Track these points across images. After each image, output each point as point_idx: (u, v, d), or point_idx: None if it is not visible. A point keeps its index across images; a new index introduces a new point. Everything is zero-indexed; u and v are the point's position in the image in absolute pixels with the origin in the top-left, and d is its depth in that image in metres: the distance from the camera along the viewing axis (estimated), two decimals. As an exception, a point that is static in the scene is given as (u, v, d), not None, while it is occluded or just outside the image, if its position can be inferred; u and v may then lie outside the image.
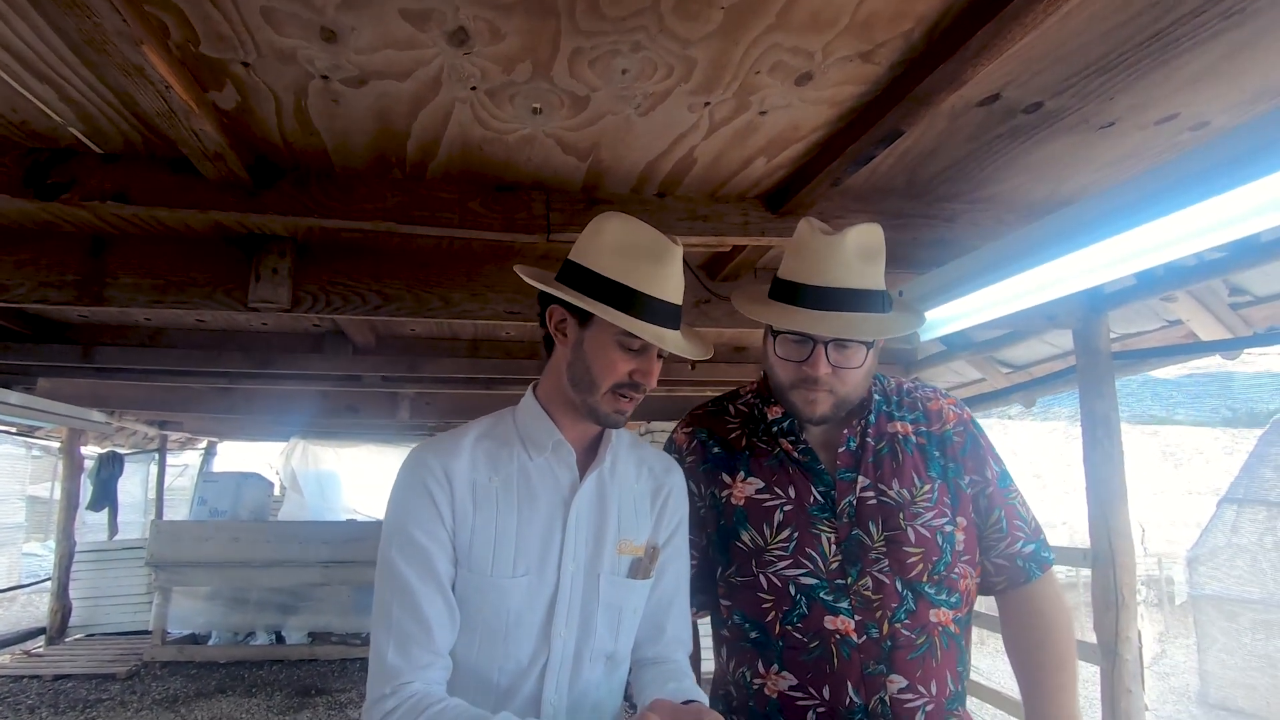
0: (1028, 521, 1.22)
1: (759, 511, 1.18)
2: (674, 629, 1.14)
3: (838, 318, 1.10)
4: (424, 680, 0.95)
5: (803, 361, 1.13)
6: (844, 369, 1.13)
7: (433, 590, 0.98)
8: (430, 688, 0.95)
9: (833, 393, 1.15)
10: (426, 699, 0.92)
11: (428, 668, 0.95)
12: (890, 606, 1.12)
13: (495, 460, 1.06)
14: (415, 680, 0.94)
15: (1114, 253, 1.68)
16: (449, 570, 1.00)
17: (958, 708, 1.15)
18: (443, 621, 0.98)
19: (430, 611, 0.97)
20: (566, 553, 1.04)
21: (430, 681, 0.95)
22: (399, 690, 0.93)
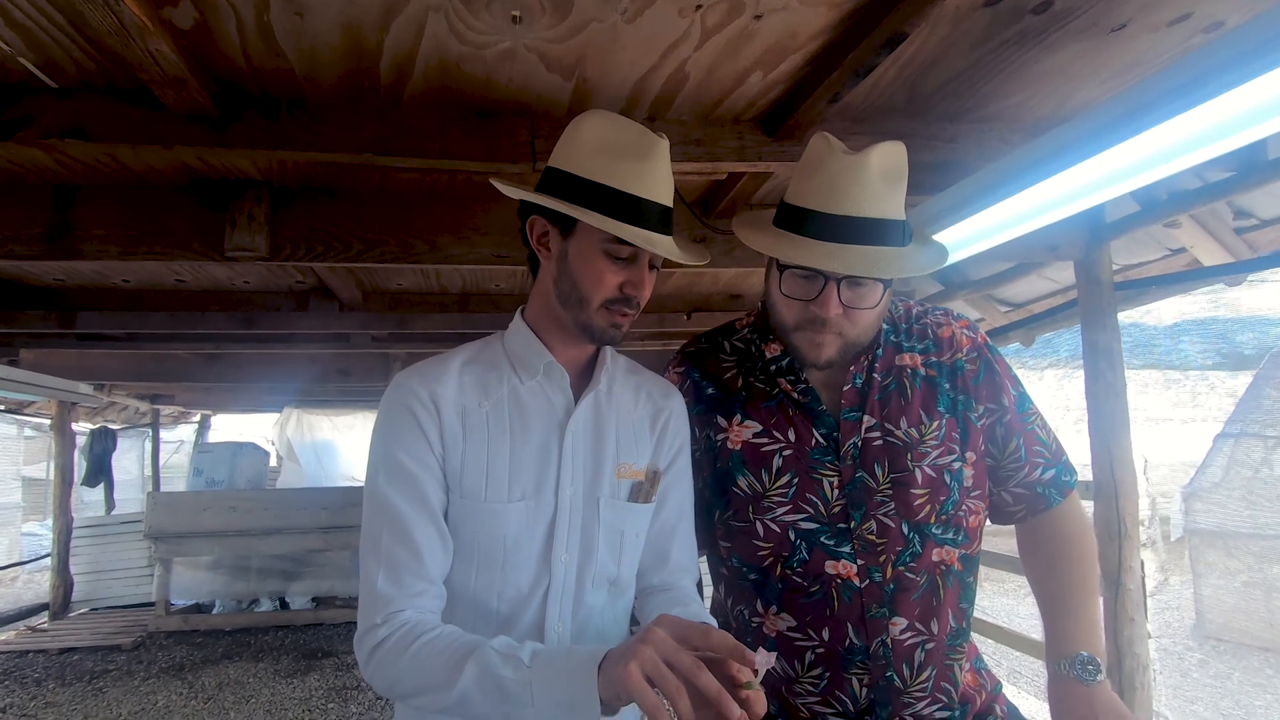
0: (1048, 445, 1.16)
1: (757, 456, 1.12)
2: (679, 555, 1.10)
3: (853, 252, 1.00)
4: (417, 609, 0.90)
5: (811, 300, 1.04)
6: (856, 309, 1.04)
7: (423, 517, 0.93)
8: (424, 615, 0.90)
9: (841, 335, 1.06)
10: (420, 626, 0.88)
11: (420, 595, 0.91)
12: (894, 550, 1.07)
13: (484, 385, 1.00)
14: (408, 608, 0.90)
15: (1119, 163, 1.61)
16: (440, 497, 0.95)
17: (961, 643, 1.12)
18: (435, 548, 0.93)
19: (421, 538, 0.92)
20: (564, 477, 0.99)
21: (424, 610, 0.91)
22: (391, 619, 0.89)
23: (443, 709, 0.84)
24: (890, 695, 1.07)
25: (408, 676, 0.85)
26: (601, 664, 0.77)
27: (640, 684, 0.72)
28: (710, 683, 0.72)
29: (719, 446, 1.15)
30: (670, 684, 0.72)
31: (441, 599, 0.94)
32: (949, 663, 1.10)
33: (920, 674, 1.08)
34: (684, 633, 0.77)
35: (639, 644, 0.75)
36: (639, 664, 0.73)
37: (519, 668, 0.80)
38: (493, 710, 0.81)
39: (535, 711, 0.78)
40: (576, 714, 0.77)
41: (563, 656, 0.81)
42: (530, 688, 0.78)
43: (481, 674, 0.81)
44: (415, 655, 0.85)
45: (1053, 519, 1.16)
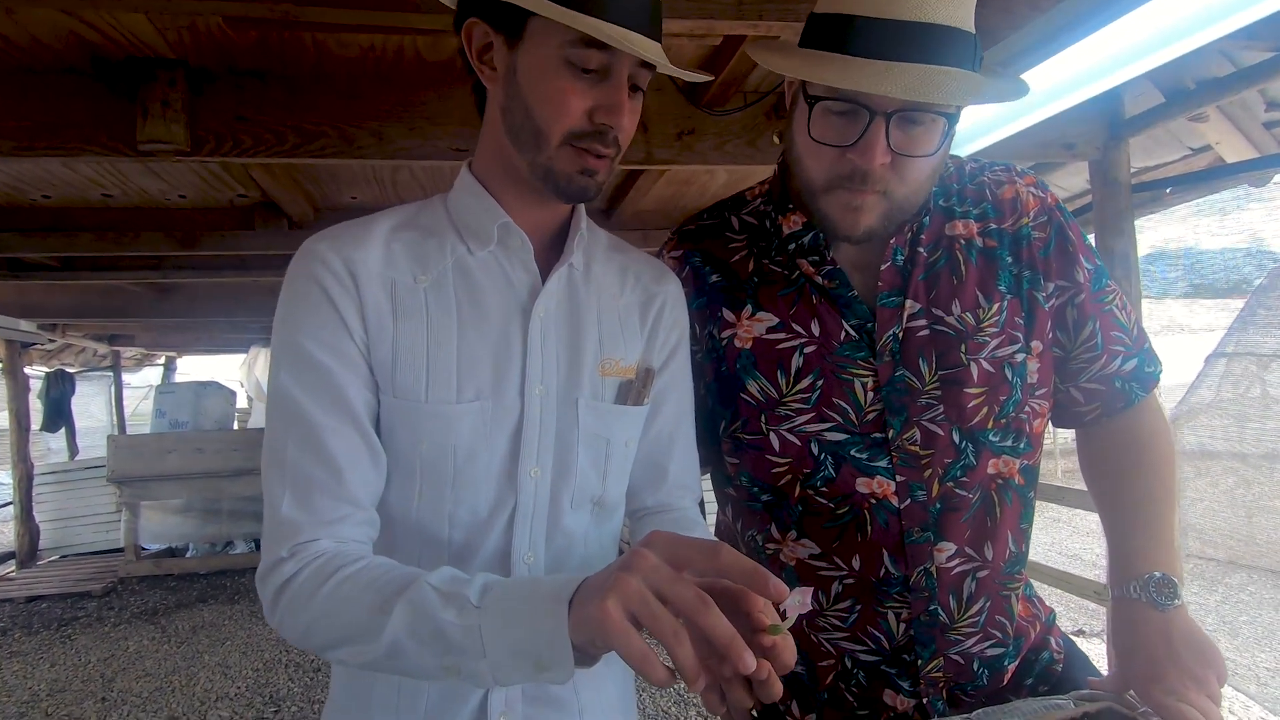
0: (1128, 330, 0.94)
1: (771, 355, 0.91)
2: (678, 471, 0.89)
3: (911, 72, 0.74)
4: (335, 538, 0.69)
5: (849, 146, 0.79)
6: (908, 159, 0.80)
7: (341, 422, 0.71)
8: (345, 546, 0.69)
9: (886, 196, 0.82)
10: (338, 559, 0.67)
11: (340, 522, 0.70)
12: (943, 463, 0.87)
13: (421, 255, 0.77)
14: (322, 538, 0.69)
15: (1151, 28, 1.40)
16: (365, 398, 0.72)
17: (1018, 570, 0.93)
18: (358, 463, 0.71)
19: (339, 449, 0.70)
20: (531, 372, 0.77)
21: (345, 539, 0.70)
22: (300, 551, 0.68)
23: (368, 664, 0.63)
24: (933, 631, 0.89)
25: (321, 623, 0.65)
26: (574, 598, 0.56)
27: (622, 627, 0.52)
28: (719, 624, 0.52)
29: (725, 346, 0.93)
30: (664, 626, 0.52)
31: (371, 527, 0.73)
32: (1005, 593, 0.92)
33: (970, 607, 0.90)
34: (684, 554, 0.56)
35: (622, 572, 0.54)
36: (620, 599, 0.52)
37: (464, 609, 0.59)
38: (433, 663, 0.61)
39: (489, 664, 0.58)
40: (543, 666, 0.57)
41: (523, 592, 0.60)
42: (480, 634, 0.58)
43: (416, 618, 0.60)
44: (330, 596, 0.64)
45: (1130, 419, 0.96)
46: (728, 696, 0.55)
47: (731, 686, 0.55)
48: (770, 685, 0.53)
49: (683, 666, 0.51)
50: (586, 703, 0.82)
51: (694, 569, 0.56)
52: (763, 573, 0.55)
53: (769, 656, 0.54)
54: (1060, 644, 1.00)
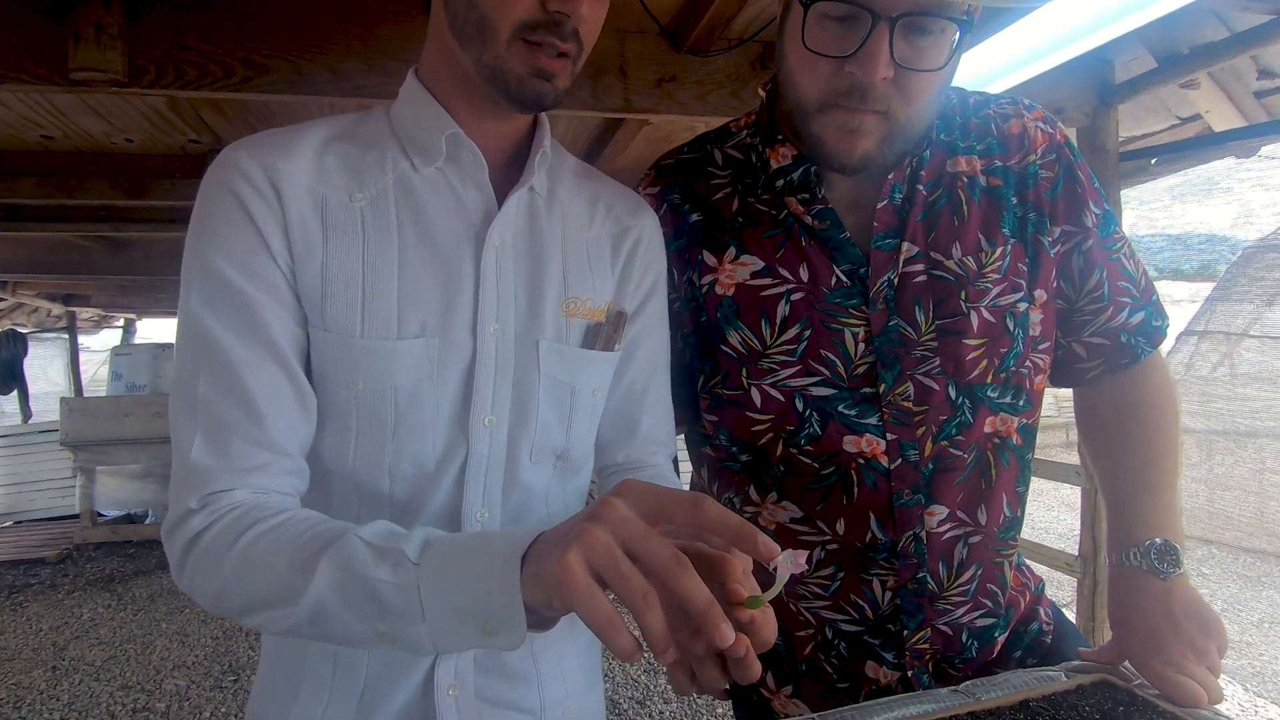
0: (1135, 280, 0.88)
1: (755, 303, 0.83)
2: (651, 425, 0.81)
3: None
4: (253, 488, 0.60)
5: (847, 57, 0.71)
6: (914, 74, 0.72)
7: (261, 357, 0.61)
8: (265, 498, 0.60)
9: (888, 117, 0.74)
10: (255, 511, 0.58)
11: (259, 471, 0.61)
12: (937, 421, 0.80)
13: (358, 170, 0.67)
14: (238, 487, 0.60)
15: None
16: (290, 330, 0.63)
17: (1013, 536, 0.87)
18: (281, 404, 0.62)
19: (259, 388, 0.61)
20: (485, 308, 0.68)
21: (265, 490, 0.61)
22: (212, 502, 0.59)
23: (291, 630, 0.55)
24: (921, 600, 0.83)
25: (235, 585, 0.56)
26: (529, 553, 0.48)
27: (585, 584, 0.44)
28: (696, 589, 0.44)
29: (705, 293, 0.85)
30: (633, 586, 0.44)
31: (298, 478, 0.64)
32: (998, 560, 0.86)
33: (961, 575, 0.84)
34: (661, 506, 0.48)
35: (588, 522, 0.46)
36: (584, 553, 0.44)
37: (400, 566, 0.51)
38: (364, 629, 0.52)
39: (428, 628, 0.50)
40: (491, 630, 0.49)
41: (470, 546, 0.51)
42: (418, 594, 0.50)
43: (343, 576, 0.52)
44: (245, 553, 0.56)
45: (1135, 376, 0.90)
46: (699, 676, 0.48)
47: (703, 664, 0.47)
48: (747, 664, 0.46)
49: (652, 634, 0.43)
50: (547, 674, 0.75)
51: (671, 524, 0.48)
52: (751, 529, 0.47)
53: (747, 632, 0.46)
54: (1049, 615, 0.95)
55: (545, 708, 0.74)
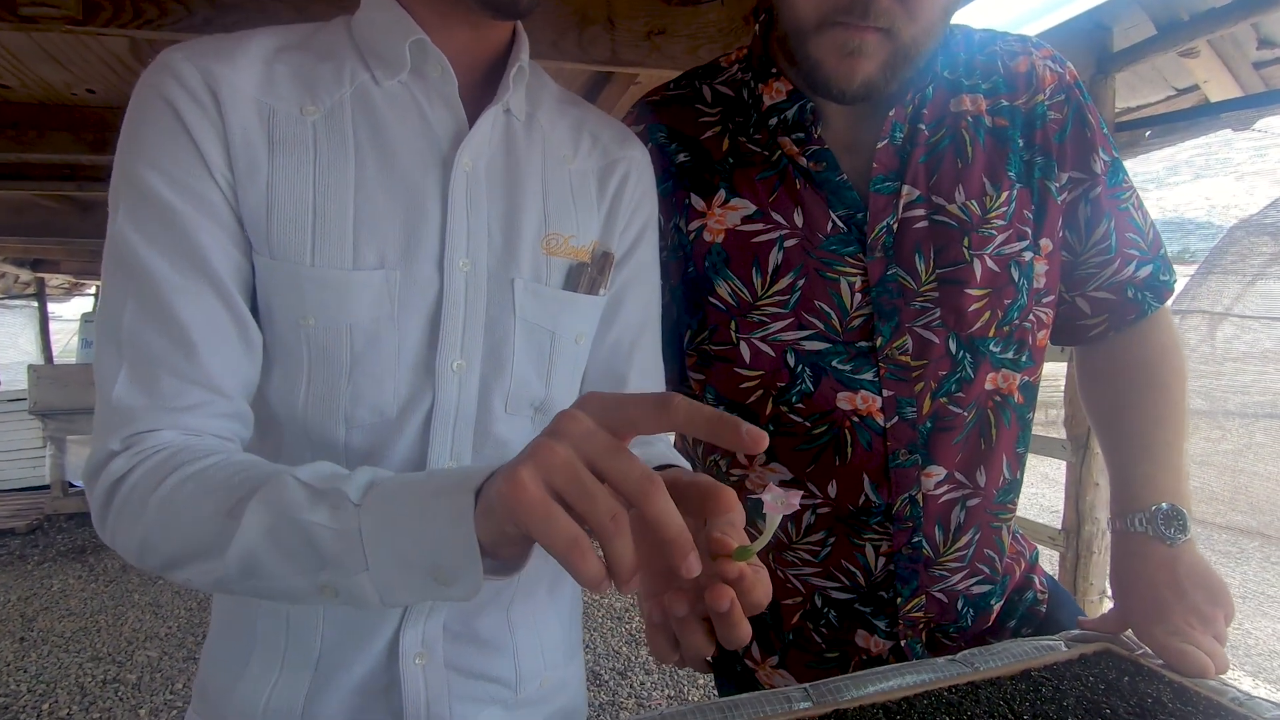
0: (1144, 233, 0.83)
1: (746, 250, 0.77)
2: (640, 380, 0.75)
3: None
4: (184, 429, 0.54)
5: None
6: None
7: (196, 283, 0.55)
8: (197, 440, 0.54)
9: (891, 36, 0.69)
10: (183, 453, 0.52)
11: (190, 411, 0.54)
12: (937, 376, 0.76)
13: (311, 81, 0.59)
14: (165, 427, 0.54)
15: None
16: (230, 256, 0.56)
17: (1012, 499, 0.83)
18: (219, 337, 0.55)
19: (192, 317, 0.54)
20: (453, 240, 0.61)
21: (197, 432, 0.55)
22: (136, 443, 0.53)
23: (221, 584, 0.49)
24: (916, 566, 0.79)
25: (158, 533, 0.50)
26: (483, 488, 0.42)
27: (541, 502, 0.38)
28: (668, 511, 0.38)
29: (693, 240, 0.79)
30: (599, 506, 0.38)
31: (239, 422, 0.58)
32: (996, 525, 0.82)
33: (958, 539, 0.79)
34: (627, 414, 0.41)
35: (545, 436, 0.40)
36: (540, 468, 0.38)
37: (340, 508, 0.45)
38: (302, 582, 0.47)
39: (372, 578, 0.44)
40: (444, 578, 0.43)
41: (418, 484, 0.45)
42: (360, 539, 0.44)
43: (276, 520, 0.46)
44: (169, 498, 0.50)
45: (1141, 334, 0.86)
46: (682, 641, 0.42)
47: (686, 628, 0.42)
48: (733, 622, 0.40)
49: (618, 561, 0.37)
50: (523, 644, 0.70)
51: (641, 431, 0.41)
52: (730, 418, 0.39)
53: (736, 590, 0.40)
54: (1044, 583, 0.91)
55: (521, 679, 0.70)
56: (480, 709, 0.67)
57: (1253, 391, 3.96)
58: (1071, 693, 0.65)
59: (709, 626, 0.41)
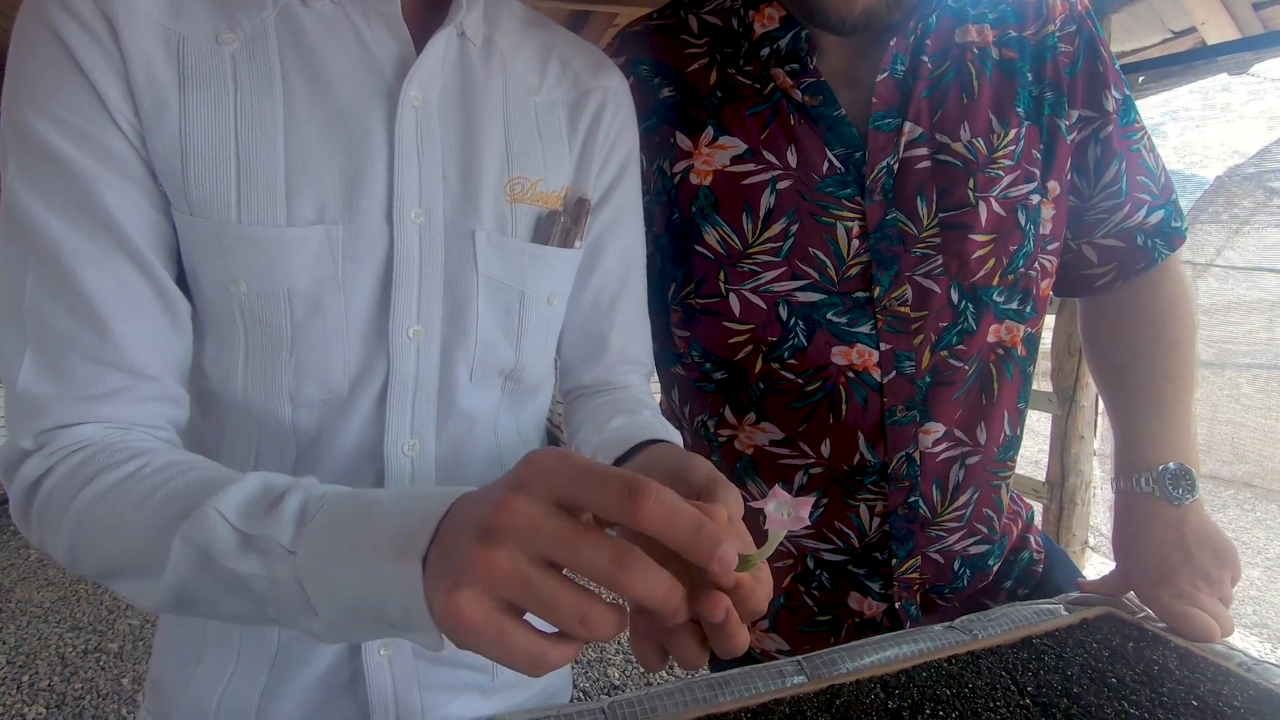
0: (1155, 176, 0.79)
1: (735, 194, 0.71)
2: (623, 341, 0.69)
3: None
4: (105, 420, 0.48)
5: None
6: None
7: (104, 248, 0.48)
8: (120, 435, 0.48)
9: None
10: (101, 455, 0.46)
11: (110, 399, 0.48)
12: (937, 328, 0.71)
13: (225, 3, 0.51)
14: (84, 421, 0.48)
15: None
16: (143, 213, 0.49)
17: (1011, 457, 0.80)
18: (136, 309, 0.49)
19: (101, 289, 0.47)
20: (403, 188, 0.54)
21: (122, 424, 0.49)
22: (50, 441, 0.47)
23: (161, 608, 0.44)
24: (912, 527, 0.75)
25: (85, 546, 0.45)
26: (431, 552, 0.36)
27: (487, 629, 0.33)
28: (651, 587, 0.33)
29: (678, 184, 0.73)
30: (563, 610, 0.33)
31: (171, 406, 0.52)
32: (995, 483, 0.78)
33: (956, 498, 0.76)
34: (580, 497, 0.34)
35: (481, 546, 0.33)
36: (483, 589, 0.33)
37: (272, 555, 0.39)
38: (248, 611, 0.42)
39: (324, 624, 0.39)
40: (401, 628, 0.38)
41: (356, 531, 0.38)
42: (300, 588, 0.38)
43: (204, 564, 0.40)
44: (89, 511, 0.44)
45: (1149, 284, 0.81)
46: (672, 651, 0.37)
47: (676, 638, 0.36)
48: (729, 632, 0.35)
49: (601, 638, 0.33)
50: None
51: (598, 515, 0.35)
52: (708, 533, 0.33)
53: (734, 599, 0.35)
54: (1040, 543, 0.88)
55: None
56: (453, 697, 0.62)
57: (1241, 342, 3.98)
58: (1075, 660, 0.62)
59: (701, 632, 0.36)
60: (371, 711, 0.59)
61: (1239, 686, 0.58)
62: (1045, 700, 0.56)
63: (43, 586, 3.57)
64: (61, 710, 2.58)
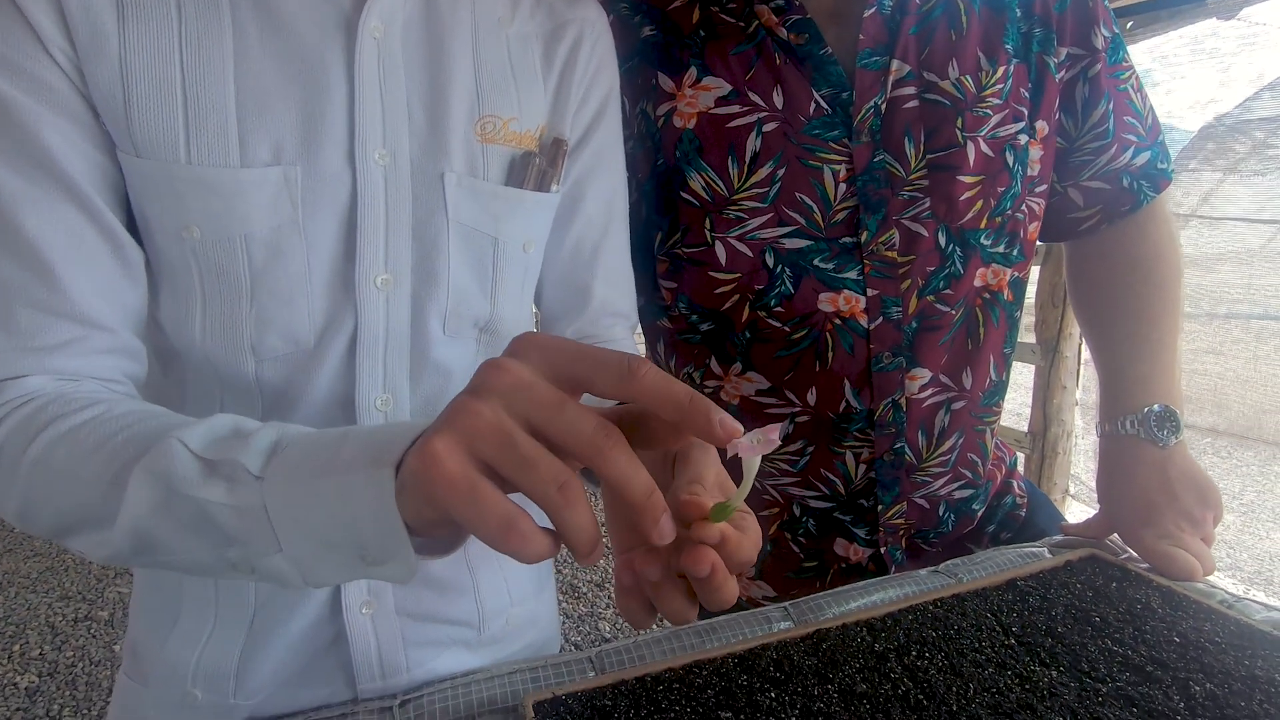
0: (1142, 117, 0.77)
1: (721, 137, 0.69)
2: (606, 291, 0.67)
3: None
4: (55, 372, 0.46)
5: None
6: None
7: (46, 191, 0.45)
8: (72, 386, 0.46)
9: None
10: (54, 405, 0.44)
11: (61, 350, 0.46)
12: (924, 272, 0.70)
13: None
14: (31, 373, 0.45)
15: None
16: (85, 153, 0.46)
17: (997, 402, 0.79)
18: (84, 256, 0.46)
19: (45, 234, 0.45)
20: (365, 126, 0.52)
21: (73, 375, 0.47)
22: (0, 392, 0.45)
23: (113, 558, 0.42)
24: (898, 473, 0.75)
25: (36, 499, 0.43)
26: (408, 454, 0.33)
27: (459, 479, 0.30)
28: (630, 471, 0.31)
29: (662, 128, 0.71)
30: (541, 474, 0.30)
31: (127, 359, 0.50)
32: (980, 428, 0.78)
33: (941, 444, 0.75)
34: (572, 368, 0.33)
35: (466, 395, 0.32)
36: (459, 436, 0.30)
37: (238, 481, 0.37)
38: (208, 556, 0.39)
39: (289, 560, 0.37)
40: (371, 559, 0.35)
41: (328, 452, 0.36)
42: (267, 517, 0.36)
43: (164, 495, 0.38)
44: (42, 460, 0.42)
45: (1135, 227, 0.80)
46: (658, 605, 0.35)
47: (662, 592, 0.35)
48: (718, 587, 0.33)
49: (573, 533, 0.30)
50: (486, 583, 0.64)
51: (595, 394, 0.33)
52: (702, 403, 0.32)
53: (721, 554, 0.33)
54: (1023, 488, 0.88)
55: (485, 618, 0.64)
56: (439, 652, 0.62)
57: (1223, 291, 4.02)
58: (1059, 601, 0.62)
59: (689, 587, 0.35)
60: (356, 670, 0.58)
61: (1220, 623, 0.59)
62: (1030, 640, 0.56)
63: (29, 557, 3.55)
64: (54, 678, 2.59)
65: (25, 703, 2.46)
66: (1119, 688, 0.51)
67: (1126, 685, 0.51)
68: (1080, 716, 0.48)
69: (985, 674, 0.53)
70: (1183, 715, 0.48)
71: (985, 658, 0.54)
